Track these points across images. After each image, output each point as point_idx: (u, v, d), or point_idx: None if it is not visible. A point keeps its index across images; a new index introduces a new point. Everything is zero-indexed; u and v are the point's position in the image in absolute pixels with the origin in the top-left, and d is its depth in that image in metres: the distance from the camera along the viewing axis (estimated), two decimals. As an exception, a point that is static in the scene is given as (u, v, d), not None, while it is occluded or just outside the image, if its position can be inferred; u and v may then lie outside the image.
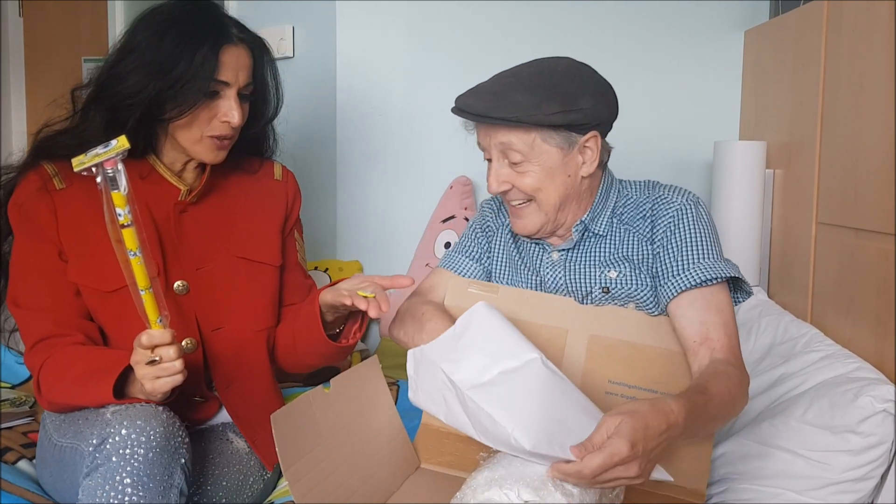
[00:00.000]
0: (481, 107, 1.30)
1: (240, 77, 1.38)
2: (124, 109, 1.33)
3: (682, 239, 1.33)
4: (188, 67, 1.32)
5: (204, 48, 1.33)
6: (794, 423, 1.47)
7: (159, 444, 1.18)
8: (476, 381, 1.15)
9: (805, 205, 1.88)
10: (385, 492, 1.20)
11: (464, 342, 1.23)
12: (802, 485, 1.42)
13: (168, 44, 1.33)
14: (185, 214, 1.44)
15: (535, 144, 1.31)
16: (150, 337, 1.18)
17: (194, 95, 1.33)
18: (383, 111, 2.32)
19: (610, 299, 1.36)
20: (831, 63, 1.78)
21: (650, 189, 1.41)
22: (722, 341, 1.25)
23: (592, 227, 1.39)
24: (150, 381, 1.19)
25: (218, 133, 1.38)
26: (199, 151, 1.40)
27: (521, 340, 1.22)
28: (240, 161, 1.51)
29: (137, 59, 1.34)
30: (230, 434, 1.49)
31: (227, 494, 1.40)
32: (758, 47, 2.23)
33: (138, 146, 1.38)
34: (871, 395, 1.39)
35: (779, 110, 2.07)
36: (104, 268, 1.35)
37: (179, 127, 1.37)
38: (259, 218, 1.52)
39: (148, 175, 1.42)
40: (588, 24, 2.30)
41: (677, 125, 2.35)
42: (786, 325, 1.81)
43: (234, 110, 1.37)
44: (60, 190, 1.37)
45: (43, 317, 1.35)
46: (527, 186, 1.34)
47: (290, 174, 1.62)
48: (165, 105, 1.34)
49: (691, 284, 1.28)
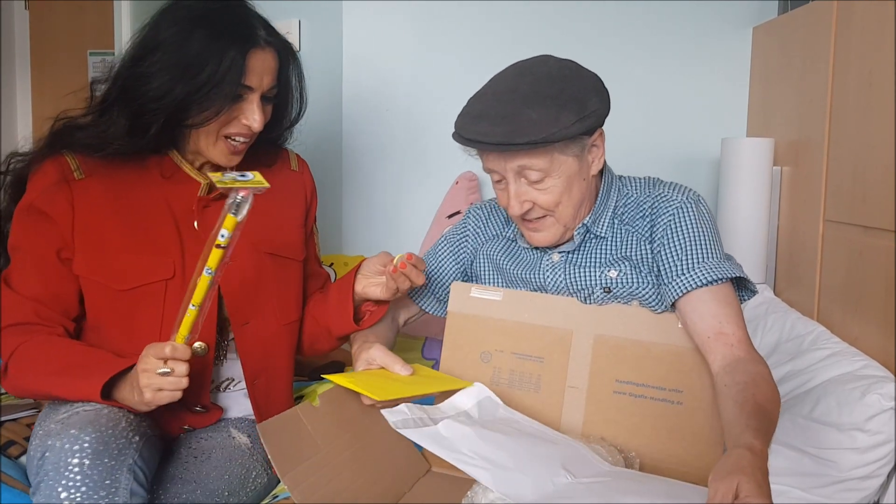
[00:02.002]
0: (499, 134, 1.24)
1: (264, 81, 1.35)
2: (149, 114, 1.30)
3: (683, 238, 1.31)
4: (216, 71, 1.28)
5: (232, 51, 1.29)
6: (800, 420, 1.47)
7: (95, 450, 1.15)
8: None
9: (813, 202, 1.87)
10: (395, 494, 1.19)
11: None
12: (808, 482, 1.42)
13: (195, 44, 1.28)
14: (207, 210, 1.41)
15: (553, 159, 1.28)
16: (173, 349, 1.17)
17: (220, 101, 1.30)
18: (389, 106, 2.32)
19: (612, 298, 1.35)
20: (840, 60, 1.77)
21: (651, 187, 1.40)
22: (737, 334, 1.24)
23: (594, 229, 1.38)
24: (153, 391, 1.19)
25: (235, 131, 1.36)
26: (214, 154, 1.38)
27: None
28: (256, 153, 1.47)
29: (163, 58, 1.29)
30: (231, 430, 1.48)
31: (231, 489, 1.39)
32: (766, 44, 2.22)
33: (161, 145, 1.37)
34: (878, 392, 1.39)
35: (787, 107, 2.06)
36: (120, 265, 1.34)
37: (199, 130, 1.34)
38: (282, 212, 1.52)
39: (169, 171, 1.41)
40: (595, 20, 2.29)
41: (685, 122, 2.34)
42: (792, 322, 1.81)
43: (256, 115, 1.35)
44: (80, 181, 1.35)
45: (27, 304, 1.33)
46: (548, 202, 1.32)
47: (305, 164, 1.61)
48: (190, 110, 1.30)
49: (696, 285, 1.28)
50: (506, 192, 1.34)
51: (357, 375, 1.24)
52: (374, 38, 2.30)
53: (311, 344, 1.57)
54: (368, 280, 1.44)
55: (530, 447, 1.11)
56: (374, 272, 1.43)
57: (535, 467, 1.05)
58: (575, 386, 1.31)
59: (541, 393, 1.33)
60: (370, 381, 1.20)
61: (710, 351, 1.24)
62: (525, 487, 0.98)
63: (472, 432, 1.08)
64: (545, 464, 1.07)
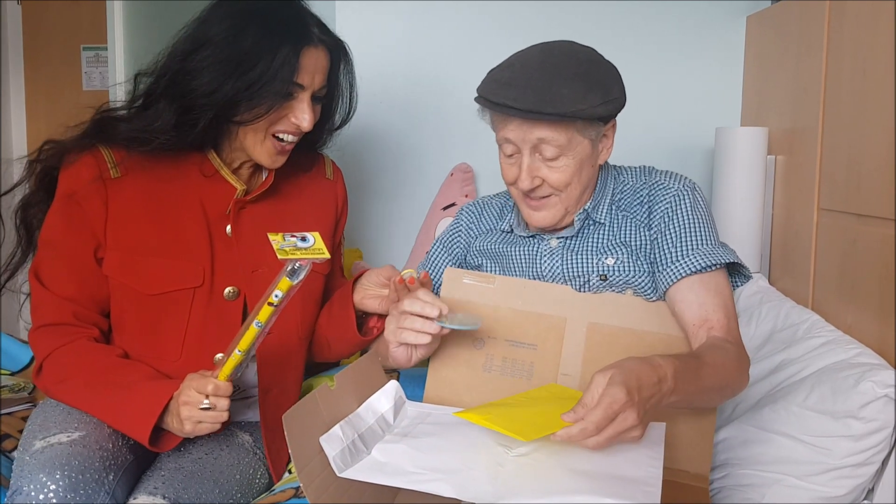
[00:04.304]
0: (529, 102, 1.24)
1: (316, 80, 1.33)
2: (197, 109, 1.28)
3: (680, 225, 1.33)
4: (268, 69, 1.25)
5: (285, 49, 1.26)
6: (795, 408, 1.47)
7: (65, 489, 1.14)
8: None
9: (807, 191, 1.87)
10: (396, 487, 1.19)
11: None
12: (803, 470, 1.42)
13: (248, 40, 1.26)
14: (243, 212, 1.40)
15: (572, 138, 1.28)
16: (216, 388, 1.18)
17: (271, 98, 1.28)
18: (384, 99, 2.31)
19: (608, 287, 1.35)
20: (834, 49, 1.77)
21: (647, 175, 1.41)
22: (721, 322, 1.25)
23: (594, 215, 1.39)
24: (193, 423, 1.20)
25: (283, 129, 1.34)
26: (260, 154, 1.36)
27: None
28: (294, 156, 1.44)
29: (213, 54, 1.27)
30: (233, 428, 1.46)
31: (241, 489, 1.37)
32: (760, 33, 2.22)
33: (205, 142, 1.35)
34: (872, 380, 1.39)
35: (781, 96, 2.06)
36: (149, 269, 1.32)
37: (247, 127, 1.32)
38: (313, 221, 1.49)
39: (210, 170, 1.39)
40: (588, 10, 2.28)
41: (679, 111, 2.33)
42: (787, 311, 1.81)
43: (306, 114, 1.33)
44: (116, 179, 1.33)
45: (63, 304, 1.32)
46: (558, 182, 1.32)
47: (339, 172, 1.59)
48: (240, 106, 1.28)
49: (691, 271, 1.28)
50: (516, 165, 1.33)
51: (490, 411, 1.12)
52: (368, 31, 2.29)
53: (319, 353, 1.57)
54: (367, 292, 1.44)
55: (461, 438, 1.10)
56: (377, 284, 1.43)
57: (477, 456, 1.04)
58: (568, 374, 1.31)
59: (533, 380, 1.33)
60: (505, 415, 1.11)
61: (694, 337, 1.25)
62: (482, 483, 0.98)
63: (406, 447, 1.07)
64: (483, 448, 1.06)
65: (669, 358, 1.08)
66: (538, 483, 0.98)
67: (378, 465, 1.04)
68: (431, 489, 0.97)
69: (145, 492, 1.24)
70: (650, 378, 1.02)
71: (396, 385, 1.21)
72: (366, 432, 1.10)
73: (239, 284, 1.38)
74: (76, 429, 1.27)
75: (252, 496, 1.40)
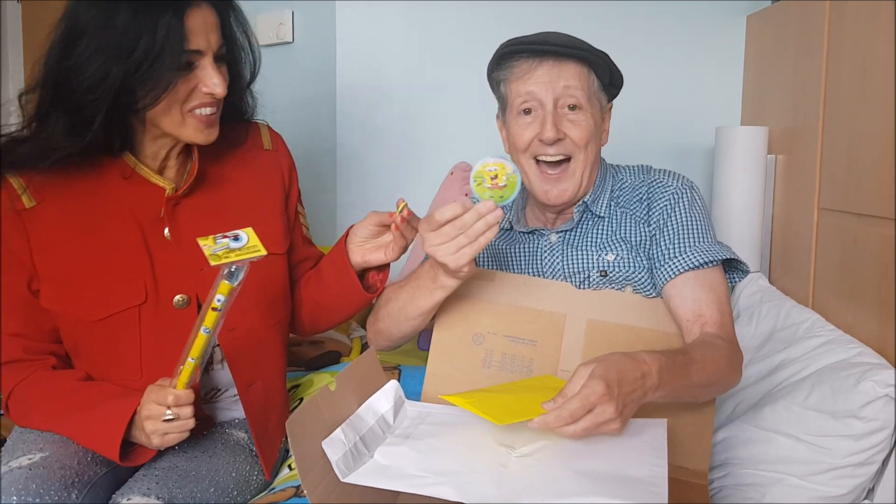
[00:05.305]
0: (562, 40, 1.32)
1: (211, 40, 1.22)
2: (88, 106, 1.18)
3: (678, 223, 1.34)
4: (152, 43, 1.14)
5: (166, 17, 1.15)
6: (795, 408, 1.47)
7: None
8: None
9: (807, 190, 1.87)
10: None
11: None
12: (804, 469, 1.42)
13: (122, 19, 1.15)
14: (178, 210, 1.32)
15: (591, 93, 1.35)
16: (176, 398, 1.17)
17: (167, 74, 1.17)
18: (383, 96, 2.31)
19: (608, 283, 1.36)
20: (834, 48, 1.76)
21: (645, 173, 1.43)
22: (714, 318, 1.26)
23: (593, 208, 1.40)
24: (160, 436, 1.19)
25: (199, 103, 1.24)
26: (186, 134, 1.26)
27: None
28: (223, 131, 1.33)
29: (90, 43, 1.16)
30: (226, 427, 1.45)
31: (237, 487, 1.36)
32: (760, 32, 2.22)
33: (114, 143, 1.26)
34: (872, 379, 1.39)
35: (781, 95, 2.05)
36: (87, 295, 1.27)
37: (158, 112, 1.22)
38: (258, 201, 1.41)
39: (129, 175, 1.30)
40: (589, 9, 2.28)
41: (678, 110, 2.33)
42: (787, 310, 1.80)
43: (215, 78, 1.22)
44: (31, 209, 1.25)
45: (11, 341, 1.29)
46: (580, 137, 1.34)
47: (279, 138, 1.49)
48: (136, 91, 1.18)
49: (688, 267, 1.30)
50: (537, 121, 1.34)
51: (474, 395, 1.14)
52: (368, 28, 2.29)
53: (313, 322, 1.52)
54: (365, 247, 1.38)
55: (463, 438, 1.09)
56: (370, 235, 1.38)
57: (479, 457, 1.04)
58: (567, 370, 1.31)
59: (533, 376, 1.33)
60: (487, 400, 1.12)
61: (688, 332, 1.26)
62: (486, 486, 0.97)
63: (408, 450, 1.06)
64: (485, 449, 1.06)
65: (656, 354, 1.09)
66: (543, 485, 0.98)
67: (381, 469, 1.03)
68: (435, 493, 0.97)
69: (139, 492, 1.22)
70: (633, 373, 1.03)
71: (396, 385, 1.20)
72: (367, 434, 1.10)
73: (187, 290, 1.31)
74: (40, 450, 1.25)
75: (249, 494, 1.39)
